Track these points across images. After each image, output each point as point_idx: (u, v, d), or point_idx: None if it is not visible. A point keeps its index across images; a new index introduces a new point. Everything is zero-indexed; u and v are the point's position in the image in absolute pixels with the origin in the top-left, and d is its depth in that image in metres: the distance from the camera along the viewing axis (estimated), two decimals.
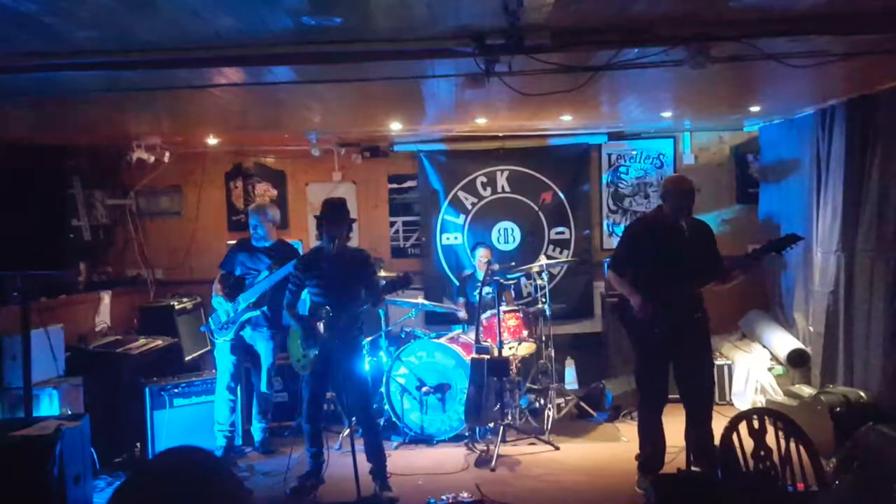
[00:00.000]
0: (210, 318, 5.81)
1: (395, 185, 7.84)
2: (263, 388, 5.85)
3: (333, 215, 4.89)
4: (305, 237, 7.35)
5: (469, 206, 7.71)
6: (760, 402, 6.34)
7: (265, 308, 5.64)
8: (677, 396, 4.88)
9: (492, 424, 5.86)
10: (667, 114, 6.43)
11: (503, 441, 5.67)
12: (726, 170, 7.71)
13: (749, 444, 3.09)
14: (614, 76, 4.20)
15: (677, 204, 4.71)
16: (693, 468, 4.70)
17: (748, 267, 4.67)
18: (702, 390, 4.83)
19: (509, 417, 6.06)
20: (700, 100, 5.93)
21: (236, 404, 5.87)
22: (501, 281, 6.09)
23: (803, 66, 3.97)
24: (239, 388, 5.89)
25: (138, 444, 5.68)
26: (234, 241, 6.16)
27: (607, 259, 5.29)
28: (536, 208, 7.31)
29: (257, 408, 5.95)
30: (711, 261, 4.75)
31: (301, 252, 5.91)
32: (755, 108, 6.36)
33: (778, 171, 7.00)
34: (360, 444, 4.91)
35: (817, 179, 6.09)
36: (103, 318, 6.66)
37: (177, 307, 6.70)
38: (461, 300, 6.93)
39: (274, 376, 5.96)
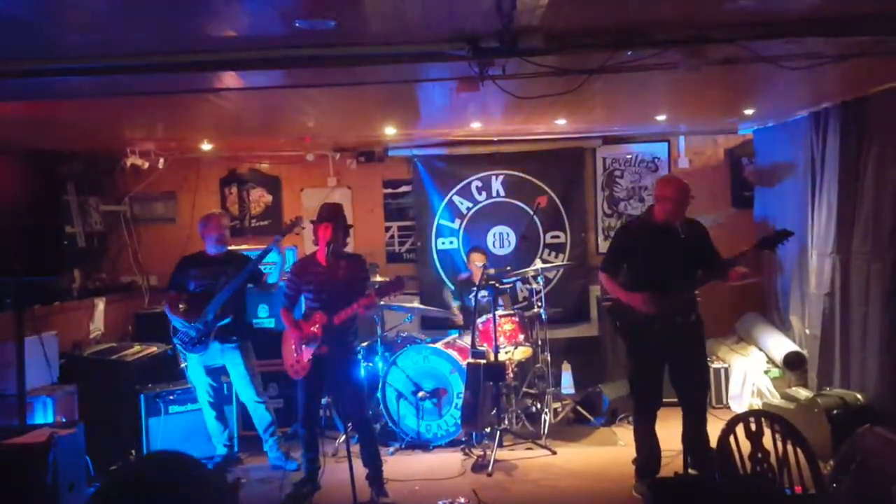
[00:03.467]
0: (175, 338, 5.63)
1: (390, 190, 7.84)
2: (256, 397, 5.70)
3: (329, 220, 4.88)
4: (301, 243, 7.32)
5: (464, 211, 7.70)
6: (757, 405, 6.34)
7: (230, 317, 5.54)
8: (674, 400, 4.89)
9: (488, 429, 5.84)
10: (661, 117, 6.44)
11: (500, 446, 5.66)
12: (721, 173, 7.72)
13: (746, 446, 3.08)
14: (608, 79, 4.19)
15: (669, 206, 4.71)
16: (690, 471, 4.70)
17: (753, 258, 4.65)
18: (696, 392, 4.84)
19: (506, 422, 6.04)
20: (694, 103, 5.94)
21: (227, 415, 5.84)
22: (497, 285, 6.08)
23: (797, 69, 3.97)
24: (230, 399, 5.87)
25: (133, 452, 5.64)
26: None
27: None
28: (531, 212, 7.30)
29: (259, 425, 5.73)
30: (707, 260, 4.74)
31: (251, 257, 5.82)
32: (749, 111, 6.36)
33: (772, 174, 7.01)
34: (356, 450, 4.89)
35: (812, 182, 6.10)
36: (98, 324, 6.63)
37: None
38: (457, 303, 6.91)
39: (267, 382, 5.92)
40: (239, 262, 5.67)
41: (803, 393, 5.81)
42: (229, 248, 5.86)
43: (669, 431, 4.97)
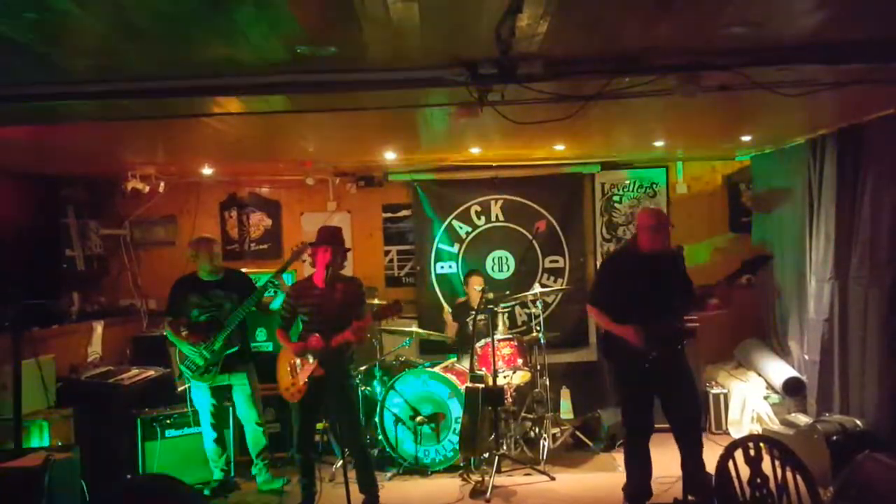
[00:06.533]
0: (182, 366, 5.61)
1: (389, 215, 7.86)
2: (257, 418, 5.73)
3: (327, 243, 4.89)
4: (300, 266, 7.33)
5: (463, 235, 7.72)
6: (757, 431, 6.31)
7: (238, 346, 5.56)
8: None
9: (487, 454, 5.81)
10: (659, 143, 6.48)
11: (498, 471, 5.62)
12: (719, 199, 7.76)
13: (745, 471, 3.07)
14: (606, 105, 4.23)
15: (649, 238, 4.76)
16: (689, 497, 4.67)
17: (723, 290, 4.66)
18: (688, 419, 4.82)
19: (504, 447, 6.01)
20: (692, 129, 5.98)
21: (226, 440, 5.81)
22: (496, 309, 6.07)
23: (793, 96, 4.01)
24: (228, 423, 5.84)
25: (129, 476, 5.60)
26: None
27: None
28: (530, 237, 7.33)
29: (253, 448, 5.74)
30: (683, 288, 4.77)
31: (252, 279, 5.85)
32: (746, 138, 6.41)
33: (770, 199, 7.04)
34: (352, 475, 4.86)
35: (809, 208, 6.13)
36: (95, 348, 6.61)
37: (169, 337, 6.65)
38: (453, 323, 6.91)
39: (264, 406, 5.90)
40: (241, 285, 5.67)
41: (803, 419, 5.79)
42: (227, 268, 5.85)
43: (669, 457, 4.94)
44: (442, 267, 7.73)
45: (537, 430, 6.40)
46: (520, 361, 6.17)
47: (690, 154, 7.50)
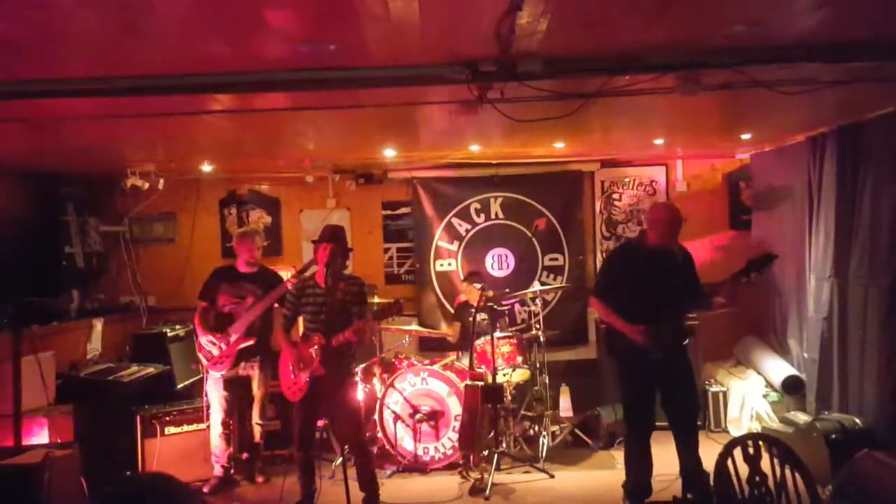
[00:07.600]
0: (200, 354, 5.73)
1: (389, 212, 7.85)
2: (258, 418, 5.81)
3: (326, 241, 4.89)
4: (299, 264, 7.31)
5: (463, 233, 7.71)
6: (756, 429, 6.32)
7: (254, 340, 5.61)
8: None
9: (486, 452, 5.81)
10: (659, 141, 6.47)
11: (497, 469, 5.63)
12: (719, 197, 7.75)
13: (744, 470, 3.07)
14: (606, 103, 4.23)
15: (661, 231, 4.74)
16: (688, 496, 4.67)
17: (729, 289, 4.66)
18: (688, 416, 4.84)
19: (504, 445, 6.01)
20: (692, 127, 5.98)
21: (232, 436, 5.82)
22: (495, 307, 6.07)
23: (793, 94, 4.01)
24: (233, 419, 5.86)
25: (129, 473, 5.60)
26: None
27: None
28: (530, 235, 7.32)
29: (244, 445, 5.88)
30: (692, 287, 4.77)
31: (285, 278, 5.89)
32: (746, 136, 6.40)
33: (770, 197, 7.03)
34: (352, 473, 4.86)
35: (809, 206, 6.12)
36: (95, 345, 6.62)
37: (169, 335, 6.66)
38: (455, 324, 6.90)
39: (267, 404, 5.92)
40: (270, 282, 5.74)
41: (802, 417, 5.79)
42: (261, 264, 5.99)
43: (669, 455, 4.94)
44: (441, 264, 7.73)
45: (536, 427, 6.40)
46: (519, 359, 6.17)
47: (690, 152, 7.49)
